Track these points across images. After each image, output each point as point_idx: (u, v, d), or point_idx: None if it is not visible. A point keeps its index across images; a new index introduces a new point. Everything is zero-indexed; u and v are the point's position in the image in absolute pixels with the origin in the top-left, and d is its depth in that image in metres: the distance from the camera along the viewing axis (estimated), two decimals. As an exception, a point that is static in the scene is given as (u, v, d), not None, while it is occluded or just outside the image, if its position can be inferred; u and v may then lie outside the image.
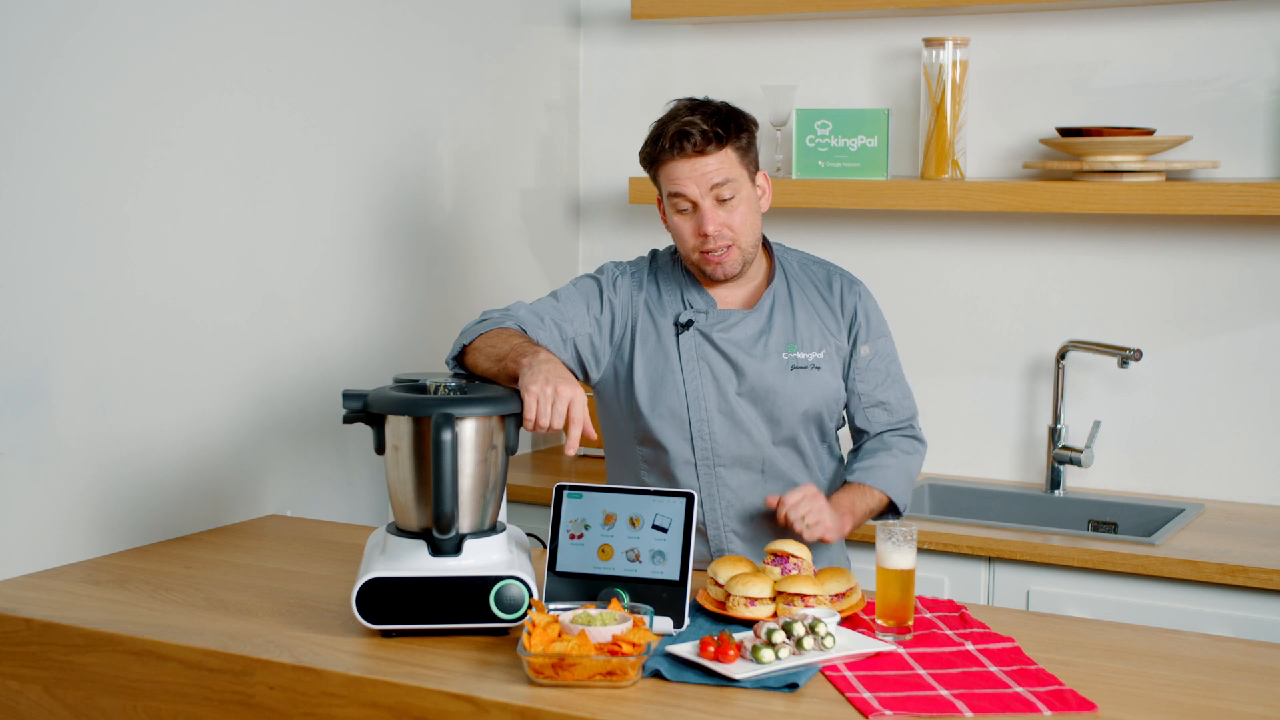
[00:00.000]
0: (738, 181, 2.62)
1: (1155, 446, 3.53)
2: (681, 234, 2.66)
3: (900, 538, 2.30)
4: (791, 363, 2.71)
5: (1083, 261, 3.58)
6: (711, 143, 2.59)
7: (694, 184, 2.61)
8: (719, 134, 2.60)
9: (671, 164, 2.62)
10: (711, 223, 2.61)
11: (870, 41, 3.76)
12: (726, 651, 2.13)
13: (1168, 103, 3.46)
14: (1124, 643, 2.32)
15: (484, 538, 2.35)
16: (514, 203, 3.92)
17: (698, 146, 2.59)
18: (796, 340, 2.72)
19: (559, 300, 2.74)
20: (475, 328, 2.66)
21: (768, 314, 2.72)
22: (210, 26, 2.99)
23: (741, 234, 2.64)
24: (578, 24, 4.10)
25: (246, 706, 2.24)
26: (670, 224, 2.68)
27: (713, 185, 2.60)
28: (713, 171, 2.60)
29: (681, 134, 2.59)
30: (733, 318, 2.71)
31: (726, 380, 2.69)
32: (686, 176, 2.61)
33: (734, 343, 2.70)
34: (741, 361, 2.69)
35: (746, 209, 2.65)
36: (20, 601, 2.52)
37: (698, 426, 2.70)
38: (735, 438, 2.70)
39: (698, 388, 2.70)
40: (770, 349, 2.70)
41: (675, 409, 2.70)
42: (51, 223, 2.71)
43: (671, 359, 2.71)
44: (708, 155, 2.59)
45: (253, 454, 3.15)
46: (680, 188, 2.62)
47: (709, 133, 2.59)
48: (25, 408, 2.68)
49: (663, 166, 2.64)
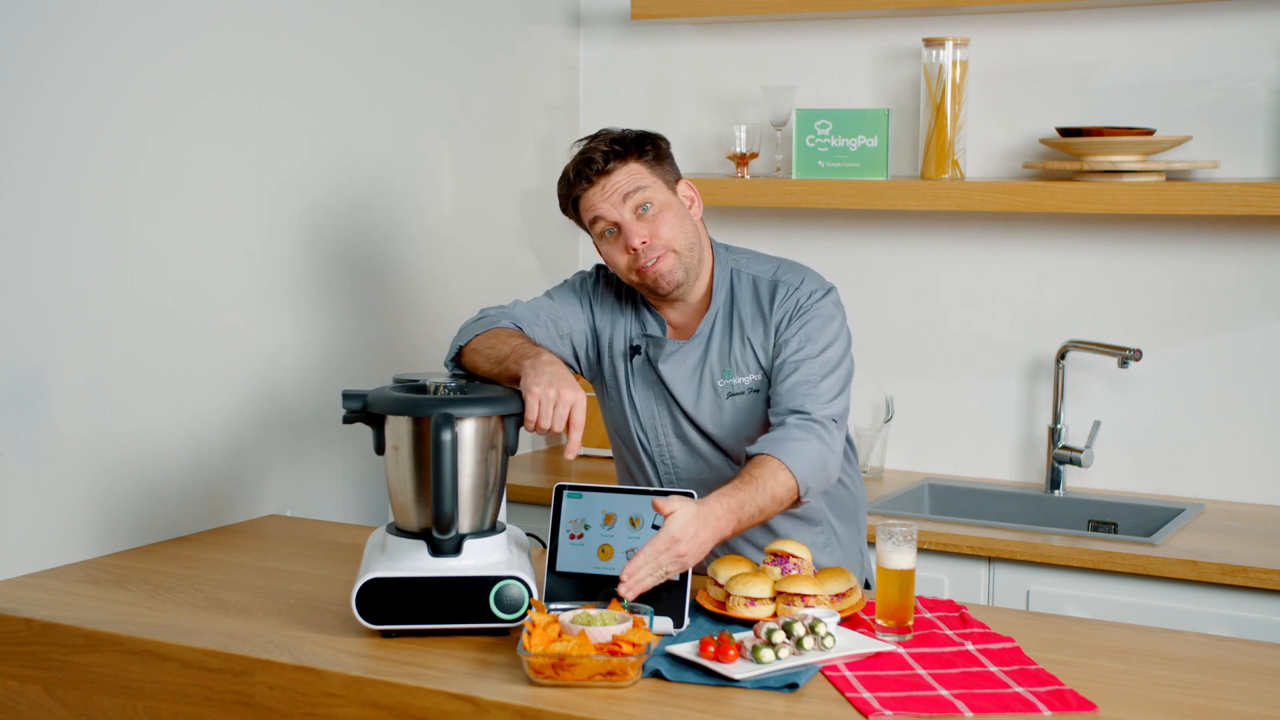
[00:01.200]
0: (650, 189, 2.57)
1: (1155, 446, 3.53)
2: (614, 260, 2.61)
3: (900, 538, 2.30)
4: (728, 389, 2.65)
5: (1083, 261, 3.58)
6: (613, 159, 2.57)
7: (606, 203, 2.57)
8: (618, 150, 2.57)
9: (584, 195, 2.59)
10: (635, 236, 2.55)
11: (870, 41, 3.76)
12: (726, 651, 2.13)
13: (1168, 103, 3.46)
14: (1124, 643, 2.32)
15: (484, 538, 2.35)
16: (514, 203, 3.92)
17: (600, 168, 2.56)
18: (731, 365, 2.65)
19: (554, 298, 2.75)
20: (471, 326, 2.65)
21: (705, 342, 2.66)
22: (210, 26, 2.99)
23: (673, 241, 2.58)
24: (578, 24, 4.10)
25: (246, 706, 2.24)
26: (604, 255, 2.63)
27: (625, 196, 2.56)
28: (622, 184, 2.56)
29: (584, 162, 2.57)
30: (669, 348, 2.67)
31: (675, 409, 2.68)
32: (598, 199, 2.57)
33: (673, 375, 2.67)
34: (680, 395, 2.66)
35: (672, 216, 2.58)
36: (20, 601, 2.52)
37: (657, 451, 2.70)
38: (695, 462, 2.69)
39: (651, 414, 2.69)
40: (705, 380, 2.65)
41: (634, 432, 2.70)
42: (51, 223, 2.71)
43: (631, 381, 2.71)
44: (613, 174, 2.57)
45: (252, 454, 3.15)
46: (596, 211, 2.58)
47: (608, 152, 2.57)
48: (25, 408, 2.68)
49: (579, 202, 2.61)
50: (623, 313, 2.73)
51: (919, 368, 3.70)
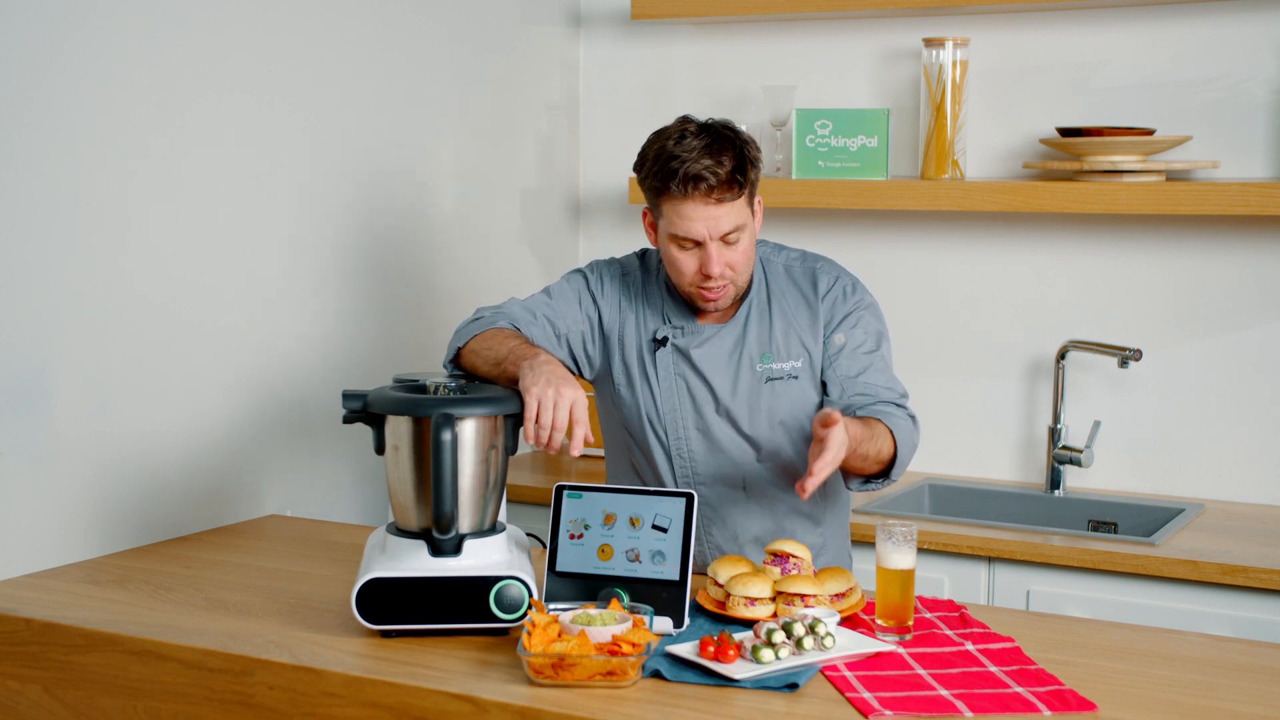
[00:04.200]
0: (744, 225, 2.55)
1: (1155, 446, 3.53)
2: (681, 268, 2.57)
3: (900, 538, 2.30)
4: (766, 374, 2.65)
5: (1083, 261, 3.58)
6: (729, 191, 2.50)
7: (704, 227, 2.51)
8: (737, 181, 2.50)
9: (681, 202, 2.50)
10: (717, 264, 2.53)
11: (870, 41, 3.76)
12: (726, 651, 2.13)
13: (1168, 103, 3.46)
14: (1124, 643, 2.32)
15: (484, 538, 2.35)
16: (514, 203, 3.92)
17: (714, 194, 2.49)
18: (772, 350, 2.66)
19: (551, 297, 2.72)
20: (468, 328, 2.64)
21: (742, 326, 2.66)
22: (210, 26, 2.99)
23: (740, 272, 2.58)
24: (578, 24, 4.10)
25: (246, 706, 2.24)
26: (666, 253, 2.58)
27: (724, 233, 2.52)
28: (724, 219, 2.51)
29: (697, 178, 2.47)
30: (706, 333, 2.66)
31: (704, 399, 2.66)
32: (698, 219, 2.51)
33: (708, 359, 2.65)
34: (715, 380, 2.65)
35: (748, 242, 2.57)
36: (20, 601, 2.52)
37: (675, 445, 2.68)
38: (714, 456, 2.67)
39: (673, 406, 2.67)
40: (744, 364, 2.65)
41: (654, 424, 2.68)
42: (51, 223, 2.71)
43: (649, 375, 2.68)
44: (723, 204, 2.50)
45: (252, 454, 3.15)
46: (688, 231, 2.52)
47: (727, 181, 2.49)
48: (25, 408, 2.68)
49: (669, 201, 2.52)
50: (640, 306, 2.71)
51: (919, 367, 3.70)
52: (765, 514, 2.69)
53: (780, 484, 2.68)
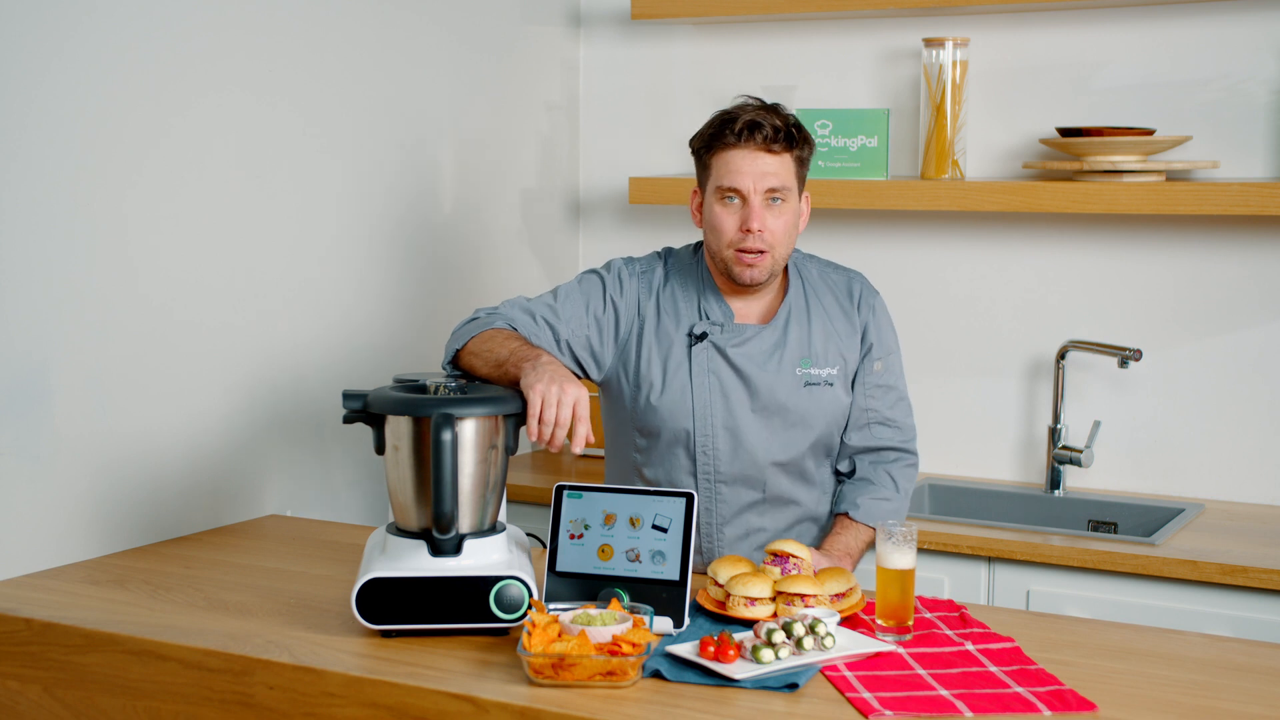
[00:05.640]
0: (789, 190, 2.60)
1: (1155, 446, 3.53)
2: (722, 226, 2.60)
3: (900, 538, 2.30)
4: (805, 379, 2.67)
5: (1083, 261, 3.58)
6: (780, 142, 2.57)
7: (751, 179, 2.57)
8: (791, 135, 2.58)
9: (733, 152, 2.58)
10: (757, 220, 2.57)
11: (870, 41, 3.76)
12: (726, 651, 2.13)
13: (1168, 103, 3.46)
14: (1124, 643, 2.32)
15: (484, 538, 2.35)
16: (514, 203, 3.92)
17: (766, 142, 2.56)
18: (811, 355, 2.68)
19: (557, 299, 2.71)
20: (466, 328, 2.63)
21: (783, 327, 2.68)
22: (210, 26, 2.99)
23: (778, 243, 2.60)
24: (578, 24, 4.10)
25: (246, 706, 2.24)
26: (710, 215, 2.63)
27: (769, 188, 2.57)
28: (771, 173, 2.57)
29: (754, 125, 2.56)
30: (747, 332, 2.67)
31: (737, 396, 2.66)
32: (746, 170, 2.57)
33: (748, 357, 2.66)
34: (755, 377, 2.66)
35: (789, 220, 2.61)
36: (20, 601, 2.52)
37: (701, 442, 2.67)
38: (738, 455, 2.67)
39: (705, 402, 2.66)
40: (784, 364, 2.67)
41: (681, 421, 2.68)
42: (51, 223, 2.71)
43: (682, 371, 2.67)
44: (773, 154, 2.57)
45: (252, 454, 3.15)
46: (735, 181, 2.57)
47: (781, 130, 2.57)
48: (25, 408, 2.68)
49: (721, 153, 2.59)
50: (669, 303, 2.71)
51: (919, 368, 3.69)
52: (780, 516, 2.70)
53: (798, 489, 2.70)
